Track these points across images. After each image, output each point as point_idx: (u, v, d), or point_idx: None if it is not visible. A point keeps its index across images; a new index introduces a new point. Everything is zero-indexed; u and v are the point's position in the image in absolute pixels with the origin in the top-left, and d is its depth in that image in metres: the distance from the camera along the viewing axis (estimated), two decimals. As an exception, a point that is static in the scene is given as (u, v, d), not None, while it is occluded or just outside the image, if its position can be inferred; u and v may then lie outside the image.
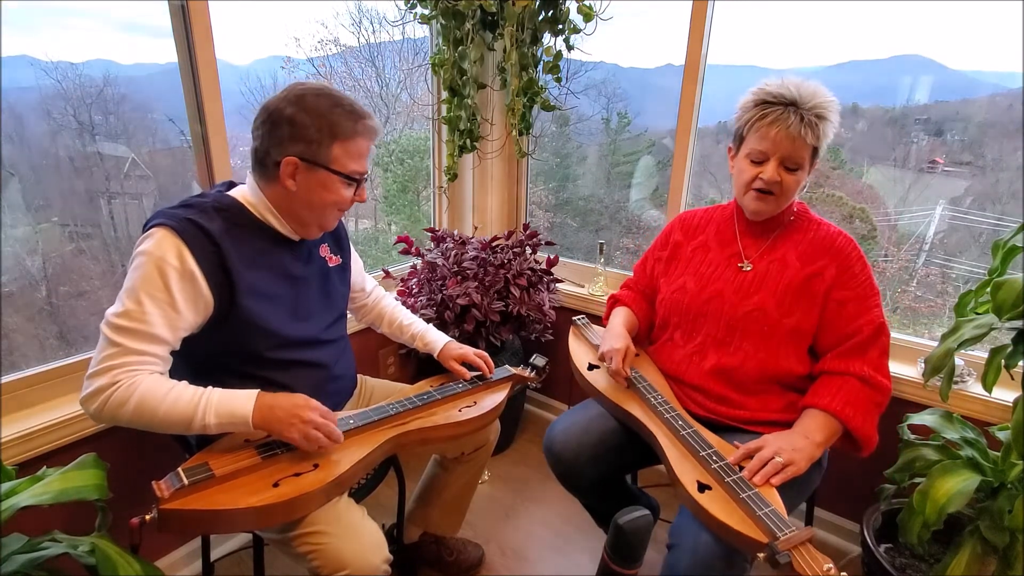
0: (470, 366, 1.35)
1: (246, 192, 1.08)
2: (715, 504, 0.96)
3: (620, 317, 1.43)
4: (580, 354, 1.44)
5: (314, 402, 1.01)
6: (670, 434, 1.14)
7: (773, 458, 1.02)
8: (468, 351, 1.36)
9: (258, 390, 0.99)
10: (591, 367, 1.38)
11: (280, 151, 1.00)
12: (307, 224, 1.10)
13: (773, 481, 1.00)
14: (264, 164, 1.03)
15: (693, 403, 1.26)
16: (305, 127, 0.99)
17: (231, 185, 1.12)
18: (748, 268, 1.26)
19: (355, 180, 1.06)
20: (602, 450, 1.26)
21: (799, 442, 1.07)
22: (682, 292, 1.32)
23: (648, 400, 1.22)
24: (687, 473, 1.04)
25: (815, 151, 1.16)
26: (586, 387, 1.35)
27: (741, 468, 1.04)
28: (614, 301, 1.51)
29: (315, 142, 1.00)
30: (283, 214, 1.08)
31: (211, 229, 0.98)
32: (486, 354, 1.38)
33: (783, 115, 1.11)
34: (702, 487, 1.00)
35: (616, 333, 1.35)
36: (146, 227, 0.99)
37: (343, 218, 1.32)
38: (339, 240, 1.27)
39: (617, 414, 1.27)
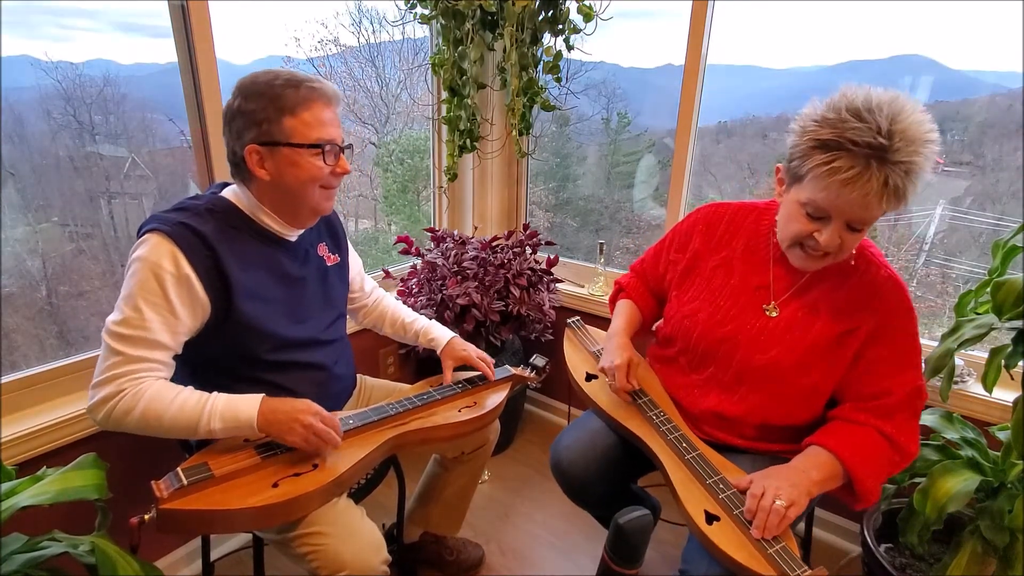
0: (469, 367, 1.34)
1: (237, 192, 1.08)
2: (724, 538, 0.92)
3: (622, 319, 1.32)
4: (576, 362, 1.36)
5: (316, 406, 1.00)
6: (675, 457, 1.08)
7: (774, 502, 0.91)
8: (471, 354, 1.34)
9: (263, 395, 0.99)
10: (589, 377, 1.31)
11: (240, 144, 1.00)
12: (298, 211, 1.08)
13: (778, 531, 0.91)
14: (236, 164, 1.03)
15: (693, 426, 1.19)
16: (252, 111, 0.98)
17: (225, 186, 1.12)
18: (774, 315, 1.09)
19: (321, 147, 1.02)
20: (609, 464, 1.21)
21: (796, 477, 0.96)
22: (692, 322, 1.17)
23: (650, 418, 1.16)
24: (694, 502, 0.98)
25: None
26: (585, 400, 1.28)
27: None
28: (619, 289, 1.42)
29: (265, 121, 0.98)
30: (272, 208, 1.07)
31: (205, 232, 0.98)
32: (489, 357, 1.36)
33: (862, 174, 0.85)
34: (710, 518, 0.95)
35: (618, 345, 1.23)
36: (140, 232, 0.98)
37: (341, 217, 1.32)
38: (336, 239, 1.27)
39: (618, 430, 1.21)
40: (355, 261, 1.35)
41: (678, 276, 1.27)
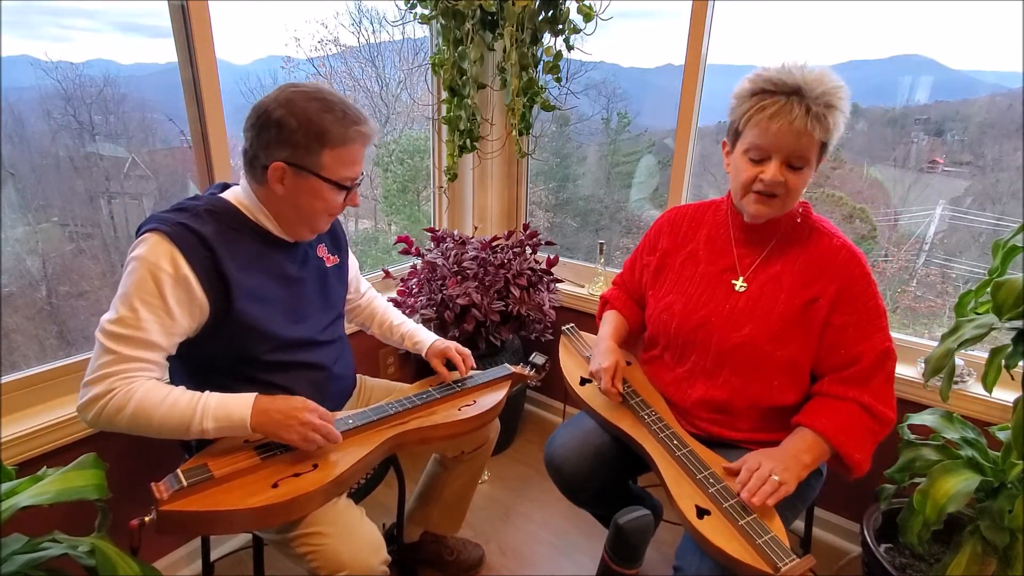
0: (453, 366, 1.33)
1: (239, 194, 1.08)
2: (714, 531, 0.94)
3: (609, 326, 1.36)
4: (571, 367, 1.39)
5: (311, 403, 1.01)
6: (666, 454, 1.10)
7: (770, 476, 0.97)
8: (449, 346, 1.33)
9: (255, 394, 0.99)
10: (583, 381, 1.34)
11: (268, 155, 0.99)
12: (296, 227, 1.09)
13: (769, 502, 0.95)
14: (253, 167, 1.03)
15: (686, 422, 1.22)
16: (293, 131, 0.97)
17: (224, 187, 1.12)
18: (742, 288, 1.15)
19: (346, 187, 1.05)
20: (603, 462, 1.23)
21: (789, 460, 1.01)
22: (669, 314, 1.22)
23: (642, 418, 1.18)
24: (685, 497, 1.00)
25: (824, 145, 1.03)
26: (579, 403, 1.30)
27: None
28: (604, 302, 1.46)
29: (303, 147, 0.98)
30: (274, 215, 1.07)
31: (204, 233, 0.97)
32: (467, 351, 1.35)
33: (786, 106, 0.98)
34: (701, 512, 0.97)
35: (605, 349, 1.26)
36: (139, 232, 0.98)
37: (341, 217, 1.32)
38: (336, 240, 1.27)
39: (612, 431, 1.23)
40: (352, 262, 1.36)
41: (651, 276, 1.32)
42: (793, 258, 1.13)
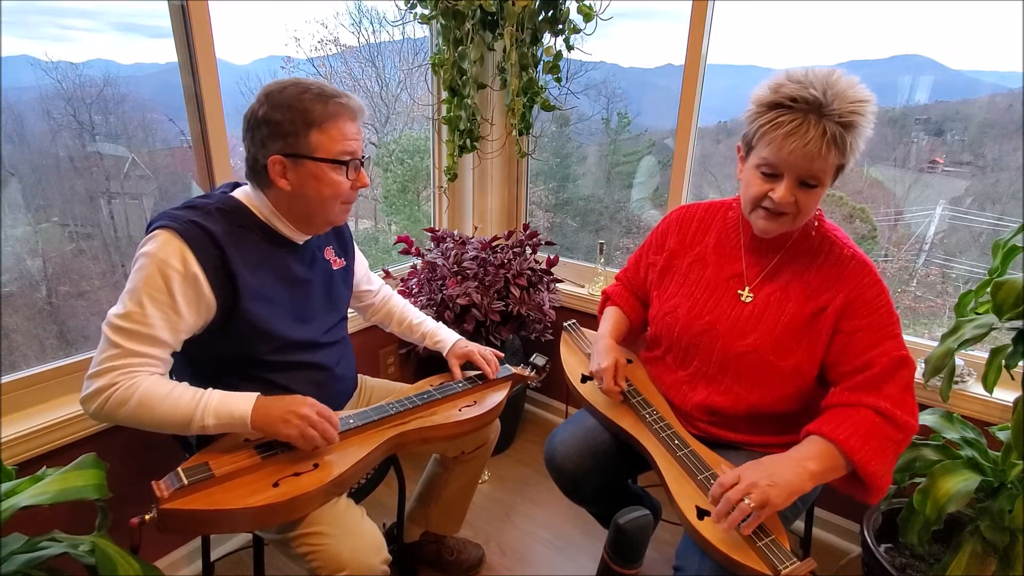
0: (472, 365, 1.34)
1: (250, 194, 1.08)
2: (715, 532, 0.93)
3: (609, 323, 1.34)
4: (572, 364, 1.38)
5: (311, 400, 1.01)
6: (667, 454, 1.10)
7: (742, 500, 0.89)
8: (472, 350, 1.34)
9: (257, 393, 0.99)
10: (584, 379, 1.33)
11: (264, 153, 1.00)
12: (313, 222, 1.09)
13: (743, 531, 0.90)
14: (256, 171, 1.03)
15: (686, 424, 1.21)
16: (279, 122, 0.98)
17: (235, 185, 1.12)
18: (748, 299, 1.13)
19: (344, 163, 1.04)
20: (603, 460, 1.22)
21: (785, 471, 0.93)
22: (673, 317, 1.21)
23: (643, 417, 1.18)
24: (686, 498, 1.00)
25: (841, 165, 0.98)
26: (580, 400, 1.30)
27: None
28: (606, 298, 1.45)
29: (291, 134, 0.99)
30: (288, 217, 1.07)
31: (214, 231, 0.98)
32: (492, 355, 1.35)
33: (801, 126, 0.92)
34: (701, 513, 0.97)
35: (604, 348, 1.24)
36: (149, 228, 0.99)
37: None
38: (344, 242, 1.27)
39: (613, 429, 1.22)
40: (361, 261, 1.37)
41: (657, 276, 1.30)
42: (802, 267, 1.10)
